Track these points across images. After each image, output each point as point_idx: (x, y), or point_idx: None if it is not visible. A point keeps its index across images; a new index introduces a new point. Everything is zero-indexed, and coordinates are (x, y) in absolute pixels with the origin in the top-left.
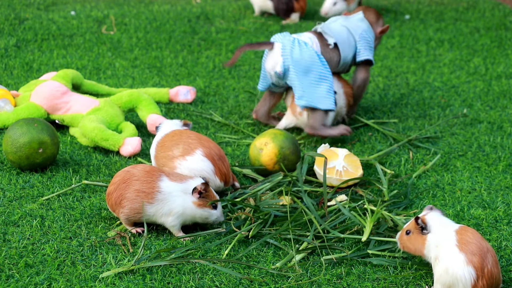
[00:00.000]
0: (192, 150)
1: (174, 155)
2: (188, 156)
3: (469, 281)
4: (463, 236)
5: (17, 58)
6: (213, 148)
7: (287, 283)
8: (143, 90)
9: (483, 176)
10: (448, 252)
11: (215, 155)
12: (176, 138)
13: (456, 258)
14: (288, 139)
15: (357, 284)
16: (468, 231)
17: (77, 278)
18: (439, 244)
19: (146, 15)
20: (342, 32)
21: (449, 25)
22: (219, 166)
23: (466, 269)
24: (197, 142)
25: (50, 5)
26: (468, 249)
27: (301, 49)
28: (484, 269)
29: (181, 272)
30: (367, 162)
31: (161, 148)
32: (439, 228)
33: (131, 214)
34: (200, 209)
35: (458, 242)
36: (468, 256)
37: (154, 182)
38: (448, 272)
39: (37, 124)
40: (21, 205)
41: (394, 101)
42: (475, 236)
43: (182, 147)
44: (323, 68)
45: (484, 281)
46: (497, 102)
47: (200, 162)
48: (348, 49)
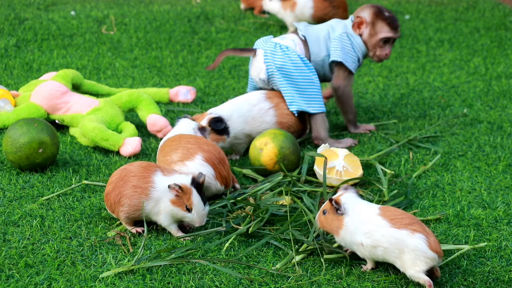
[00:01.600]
0: (192, 155)
1: (173, 160)
2: (188, 161)
3: (425, 245)
4: (386, 212)
5: (17, 58)
6: (213, 151)
7: (287, 283)
8: (143, 90)
9: (483, 176)
10: (384, 230)
11: (215, 159)
12: (175, 143)
13: (399, 232)
14: (288, 139)
15: (357, 284)
16: (389, 208)
17: (77, 278)
18: (365, 226)
19: (146, 15)
20: (320, 29)
21: (449, 25)
22: (220, 169)
23: (416, 236)
24: (196, 146)
25: (50, 5)
26: (402, 221)
27: (284, 54)
28: (426, 230)
29: (181, 272)
30: (367, 162)
31: (161, 152)
32: (357, 210)
33: (131, 212)
34: (174, 207)
35: (389, 221)
36: (408, 227)
37: (149, 177)
38: (404, 248)
39: (37, 124)
40: (21, 205)
41: (394, 101)
42: (398, 210)
43: (181, 152)
44: (308, 71)
45: (433, 237)
46: (497, 102)
47: (200, 168)
48: (318, 44)
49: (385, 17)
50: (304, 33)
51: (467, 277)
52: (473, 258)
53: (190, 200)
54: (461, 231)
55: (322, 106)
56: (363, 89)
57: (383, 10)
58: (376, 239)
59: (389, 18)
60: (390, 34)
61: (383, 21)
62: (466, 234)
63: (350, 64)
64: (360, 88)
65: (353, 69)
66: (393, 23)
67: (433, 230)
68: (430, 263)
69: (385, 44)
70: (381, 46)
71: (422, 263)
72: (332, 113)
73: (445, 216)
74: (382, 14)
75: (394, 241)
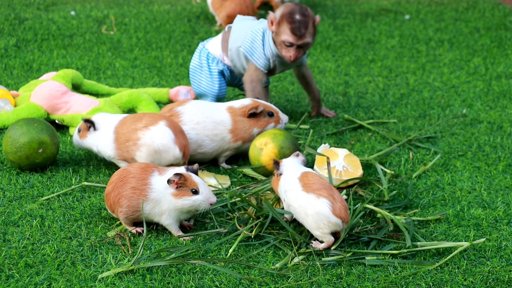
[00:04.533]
0: (156, 121)
1: (137, 127)
2: (152, 126)
3: (328, 210)
4: (304, 178)
5: (17, 58)
6: (175, 122)
7: (287, 283)
8: (143, 90)
9: (483, 176)
10: (296, 192)
11: (177, 128)
12: (140, 115)
13: (306, 195)
14: (288, 139)
15: (357, 284)
16: (311, 174)
17: (77, 278)
18: (286, 186)
19: (146, 15)
20: (252, 22)
21: (449, 25)
22: (179, 137)
23: (320, 201)
24: (161, 116)
25: (50, 5)
26: (312, 186)
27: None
28: (334, 196)
29: (181, 272)
30: (367, 162)
31: (123, 125)
32: (289, 172)
33: (130, 212)
34: (179, 199)
35: (302, 184)
36: (316, 192)
37: (147, 178)
38: (308, 211)
39: (37, 124)
40: (21, 205)
41: (394, 101)
42: (316, 177)
43: (145, 120)
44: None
45: (340, 203)
46: (497, 102)
47: (163, 129)
48: (238, 34)
49: (291, 21)
50: (233, 25)
51: (467, 277)
52: (473, 258)
53: (193, 182)
54: (461, 231)
55: None
56: (363, 89)
57: (295, 13)
58: (289, 198)
59: (295, 23)
60: (290, 39)
61: (287, 24)
62: (466, 234)
63: (256, 59)
64: (360, 88)
65: (260, 65)
66: (297, 30)
67: (433, 230)
68: (332, 227)
69: (289, 46)
70: (285, 47)
71: (326, 227)
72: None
73: (445, 216)
74: (291, 17)
75: (301, 203)
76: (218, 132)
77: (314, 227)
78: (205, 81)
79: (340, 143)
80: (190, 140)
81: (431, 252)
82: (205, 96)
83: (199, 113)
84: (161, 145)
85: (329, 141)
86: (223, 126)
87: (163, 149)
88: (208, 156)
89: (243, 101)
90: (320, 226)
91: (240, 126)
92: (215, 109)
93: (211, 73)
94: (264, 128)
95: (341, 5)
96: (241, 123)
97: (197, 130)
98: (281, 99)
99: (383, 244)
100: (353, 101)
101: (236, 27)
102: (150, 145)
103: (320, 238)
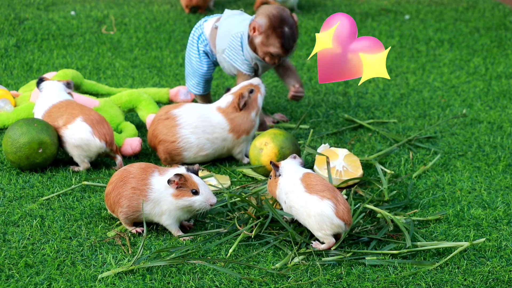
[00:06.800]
0: (74, 118)
1: (59, 126)
2: (69, 124)
3: (331, 212)
4: (307, 179)
5: (17, 58)
6: (93, 114)
7: (287, 283)
8: (143, 90)
9: (483, 176)
10: (299, 194)
11: (94, 120)
12: (62, 110)
13: (309, 196)
14: (288, 139)
15: (357, 284)
16: (312, 175)
17: (77, 278)
18: (287, 187)
19: (146, 15)
20: (234, 22)
21: (449, 25)
22: (98, 128)
23: (324, 202)
24: (79, 111)
25: (50, 5)
26: (315, 188)
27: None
28: (338, 198)
29: (181, 272)
30: (367, 162)
31: (49, 117)
32: (289, 173)
33: (130, 213)
34: (180, 200)
35: (304, 186)
36: (319, 193)
37: (147, 179)
38: (311, 212)
39: (37, 124)
40: (21, 205)
41: (394, 101)
42: (319, 178)
43: (64, 118)
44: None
45: (343, 205)
46: (497, 102)
47: (78, 127)
48: (222, 39)
49: (281, 35)
50: (219, 23)
51: (467, 277)
52: (473, 258)
53: (194, 183)
54: (461, 231)
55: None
56: (363, 89)
57: (283, 25)
58: (291, 199)
59: (284, 38)
60: (279, 52)
61: (277, 38)
62: (466, 234)
63: (239, 65)
64: (360, 88)
65: (245, 70)
66: (287, 45)
67: (433, 230)
68: (335, 229)
69: (274, 56)
70: (270, 57)
71: (328, 228)
72: (322, 122)
73: (445, 216)
74: (280, 30)
75: (304, 204)
76: (218, 135)
77: (317, 228)
78: (195, 59)
79: (340, 143)
80: (191, 144)
81: (431, 252)
82: (192, 76)
83: (196, 117)
84: (79, 140)
85: (329, 141)
86: (221, 128)
87: (83, 143)
88: (211, 158)
89: (226, 99)
90: (322, 227)
91: (238, 121)
92: (209, 111)
93: (199, 52)
94: (257, 104)
95: (341, 5)
96: (238, 118)
97: (197, 134)
98: (281, 99)
99: (383, 244)
100: (353, 101)
101: (221, 28)
102: (71, 143)
103: (321, 239)
